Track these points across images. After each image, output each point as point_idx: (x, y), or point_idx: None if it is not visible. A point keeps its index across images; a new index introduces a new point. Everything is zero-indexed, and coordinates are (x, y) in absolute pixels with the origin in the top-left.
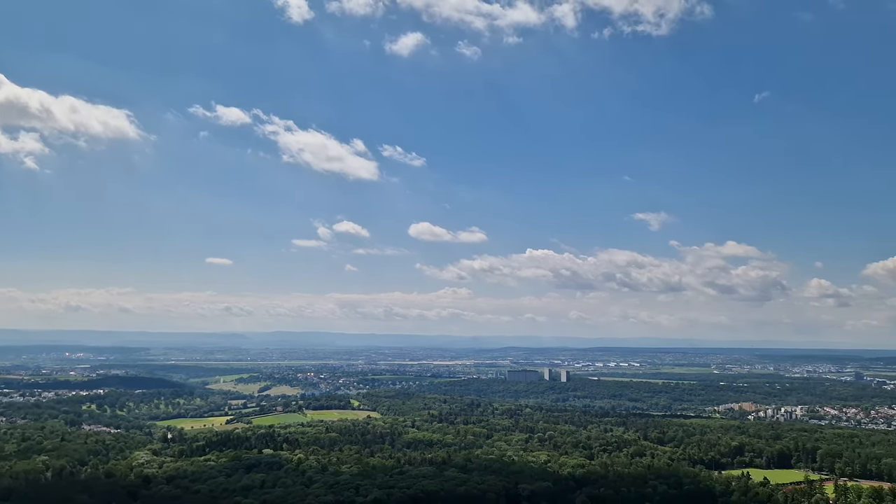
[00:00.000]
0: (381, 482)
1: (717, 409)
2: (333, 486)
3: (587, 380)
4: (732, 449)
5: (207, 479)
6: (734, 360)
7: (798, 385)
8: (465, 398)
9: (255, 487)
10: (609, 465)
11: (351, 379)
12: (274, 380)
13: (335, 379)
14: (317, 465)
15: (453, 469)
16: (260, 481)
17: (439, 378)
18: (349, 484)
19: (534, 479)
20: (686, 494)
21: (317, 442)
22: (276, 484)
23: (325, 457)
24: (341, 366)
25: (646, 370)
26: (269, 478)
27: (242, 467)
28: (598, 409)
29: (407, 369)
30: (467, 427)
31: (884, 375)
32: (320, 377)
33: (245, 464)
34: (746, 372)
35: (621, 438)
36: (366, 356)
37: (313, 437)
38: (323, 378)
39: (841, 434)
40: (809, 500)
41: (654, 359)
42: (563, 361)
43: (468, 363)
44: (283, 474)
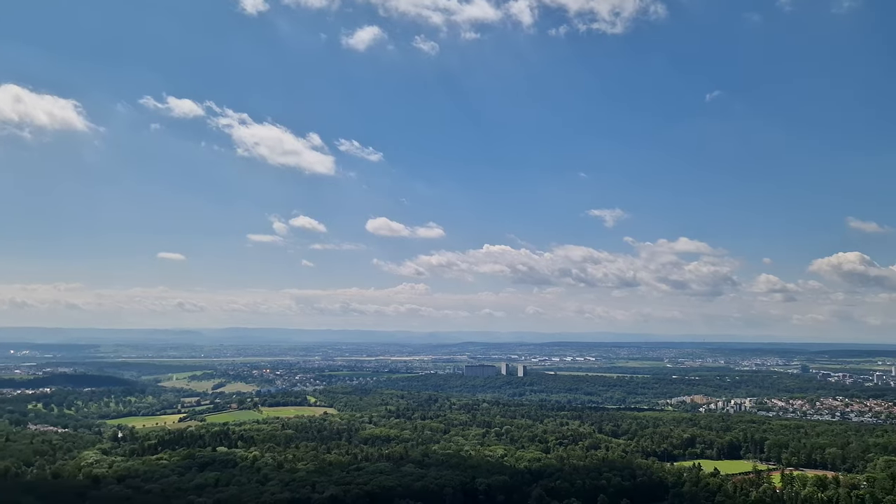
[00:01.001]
0: (337, 479)
1: (669, 402)
2: (289, 483)
3: (544, 374)
4: (684, 441)
5: (159, 478)
6: (686, 353)
7: (747, 378)
8: (422, 393)
9: (209, 486)
10: (565, 459)
11: (307, 375)
12: (228, 377)
13: (291, 375)
14: (272, 463)
15: (410, 464)
16: (214, 480)
17: (397, 374)
18: (305, 481)
19: (490, 473)
20: (639, 486)
21: (272, 439)
22: (230, 482)
23: (280, 454)
24: (298, 362)
25: (601, 364)
26: (224, 476)
27: (196, 466)
28: (555, 402)
29: (364, 365)
30: (425, 422)
31: (828, 368)
32: (276, 374)
33: (198, 462)
34: (698, 365)
35: (577, 432)
36: (323, 352)
37: (269, 435)
38: (279, 375)
39: (787, 425)
40: (757, 490)
41: (610, 353)
42: (520, 356)
43: (426, 358)
44: (238, 472)
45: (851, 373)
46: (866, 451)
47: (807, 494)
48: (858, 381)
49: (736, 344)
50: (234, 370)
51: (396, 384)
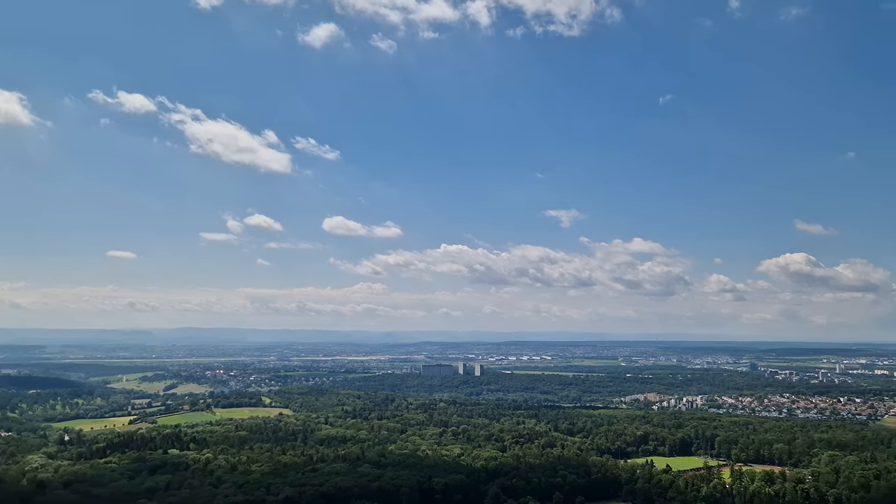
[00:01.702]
0: (292, 480)
1: (624, 400)
2: (243, 485)
3: (501, 373)
4: (638, 438)
5: (108, 482)
6: (640, 352)
7: (699, 376)
8: (379, 393)
9: (160, 489)
10: (521, 457)
11: (262, 376)
12: (181, 378)
13: (246, 376)
14: (226, 465)
15: (367, 465)
16: (165, 483)
17: (354, 374)
18: (260, 483)
19: (447, 472)
20: (594, 483)
21: (226, 441)
22: (182, 485)
23: (234, 456)
24: (252, 362)
25: (557, 363)
26: (175, 479)
27: (146, 469)
28: (511, 401)
29: (321, 365)
30: (381, 422)
31: (776, 366)
32: (230, 374)
33: (149, 465)
34: (652, 364)
35: (533, 430)
36: (278, 352)
37: (222, 436)
38: (233, 375)
39: (737, 422)
40: (708, 486)
41: (565, 352)
42: (477, 355)
43: (383, 358)
44: (190, 475)
45: (798, 370)
46: (811, 447)
47: (755, 489)
48: (804, 378)
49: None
50: (186, 371)
51: (353, 384)
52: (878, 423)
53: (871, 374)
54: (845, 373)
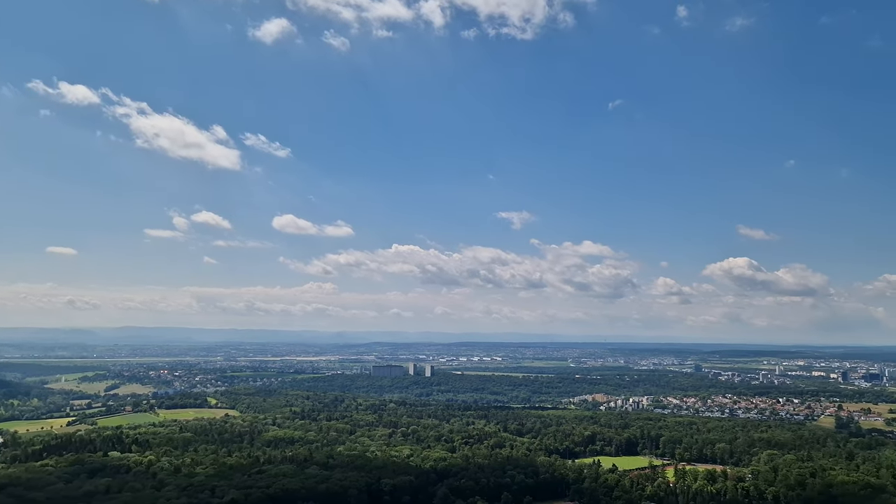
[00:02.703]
0: (238, 482)
1: (572, 401)
2: (187, 488)
3: (451, 374)
4: (585, 438)
5: (45, 485)
6: (589, 353)
7: (645, 377)
8: (328, 394)
9: (100, 493)
10: (470, 457)
11: (208, 376)
12: (123, 378)
13: (191, 376)
14: (169, 467)
15: (315, 466)
16: (105, 486)
17: (303, 374)
18: (204, 485)
19: (396, 473)
20: (542, 483)
21: (170, 443)
22: (122, 489)
23: (178, 458)
24: (198, 362)
25: (507, 364)
26: (116, 482)
27: (85, 472)
28: (461, 402)
29: (269, 366)
30: (330, 423)
31: (719, 367)
32: (175, 375)
33: (88, 468)
34: (600, 365)
35: (482, 431)
36: (225, 352)
37: (166, 438)
38: (178, 376)
39: (681, 422)
40: (652, 484)
41: (516, 353)
42: (428, 356)
43: (333, 359)
44: (132, 478)
45: (740, 372)
46: (752, 446)
47: (697, 488)
48: (746, 379)
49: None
50: (129, 371)
51: (302, 385)
52: (814, 423)
53: (808, 375)
54: (784, 374)
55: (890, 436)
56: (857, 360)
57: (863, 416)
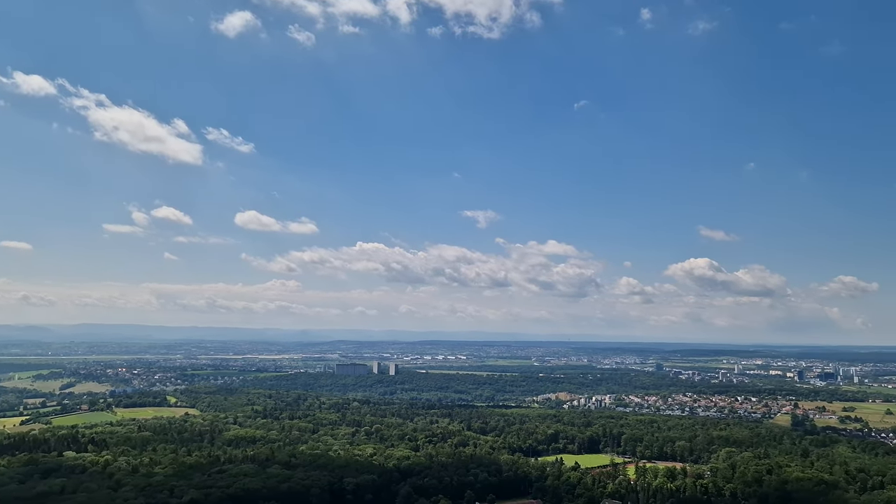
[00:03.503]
0: (198, 482)
1: (536, 400)
2: (145, 488)
3: (415, 373)
4: (548, 436)
5: None
6: (553, 352)
7: (608, 375)
8: (291, 393)
9: (54, 494)
10: (434, 456)
11: (168, 374)
12: (79, 376)
13: (150, 375)
14: (126, 467)
15: (277, 466)
16: (59, 487)
17: (265, 372)
18: (163, 485)
19: (359, 472)
20: (505, 481)
21: (127, 442)
22: (78, 489)
23: (136, 458)
24: (158, 360)
25: (472, 363)
26: (71, 483)
27: (39, 472)
28: (425, 401)
29: (230, 364)
30: (293, 422)
31: (680, 366)
32: (133, 373)
33: (42, 468)
34: (563, 364)
35: (446, 429)
36: (185, 350)
37: (123, 437)
38: (136, 374)
39: (642, 420)
40: (614, 482)
41: (480, 352)
42: (392, 355)
43: (296, 357)
44: (88, 478)
45: (700, 371)
46: (711, 444)
47: (657, 485)
48: (706, 378)
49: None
50: (85, 369)
51: (264, 383)
52: (771, 420)
53: (766, 374)
54: (743, 373)
55: (843, 433)
56: (812, 360)
57: (817, 415)
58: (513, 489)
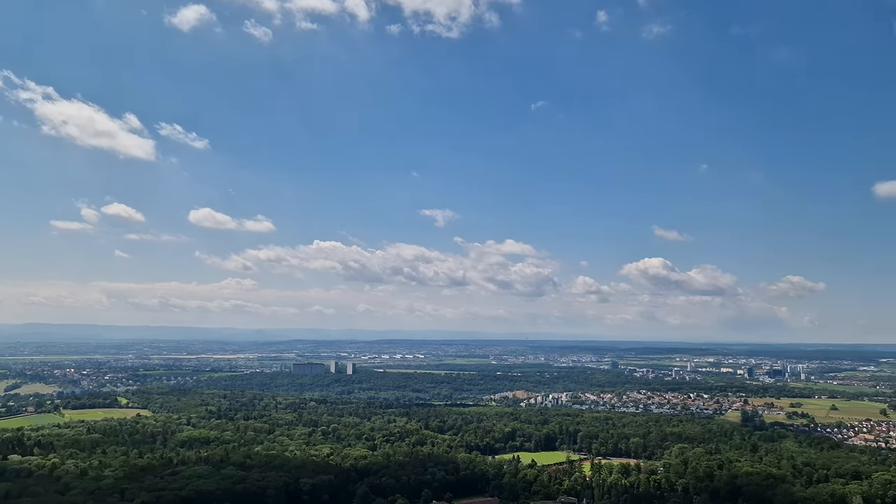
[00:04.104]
0: (150, 484)
1: (493, 398)
2: (94, 492)
3: (373, 372)
4: (506, 434)
5: None
6: (510, 351)
7: (565, 374)
8: (246, 393)
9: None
10: (391, 455)
11: (119, 375)
12: (25, 377)
13: (100, 375)
14: (75, 470)
15: (231, 467)
16: (4, 491)
17: (220, 372)
18: (113, 489)
19: (316, 472)
20: (462, 479)
21: (76, 444)
22: (23, 493)
23: (85, 460)
24: (108, 361)
25: (430, 361)
26: (16, 487)
27: None
28: (383, 400)
29: (184, 364)
30: (248, 423)
31: (635, 364)
32: (82, 373)
33: None
34: (521, 362)
35: (404, 428)
36: (137, 350)
37: (72, 440)
38: (85, 374)
39: (598, 417)
40: (570, 479)
41: (438, 350)
42: (350, 354)
43: (252, 357)
44: (34, 482)
45: (654, 368)
46: (664, 440)
47: (612, 481)
48: (659, 375)
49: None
50: (31, 370)
51: (219, 383)
52: (722, 417)
53: (717, 371)
54: (696, 370)
55: (790, 429)
56: (761, 357)
57: (766, 410)
58: (470, 487)
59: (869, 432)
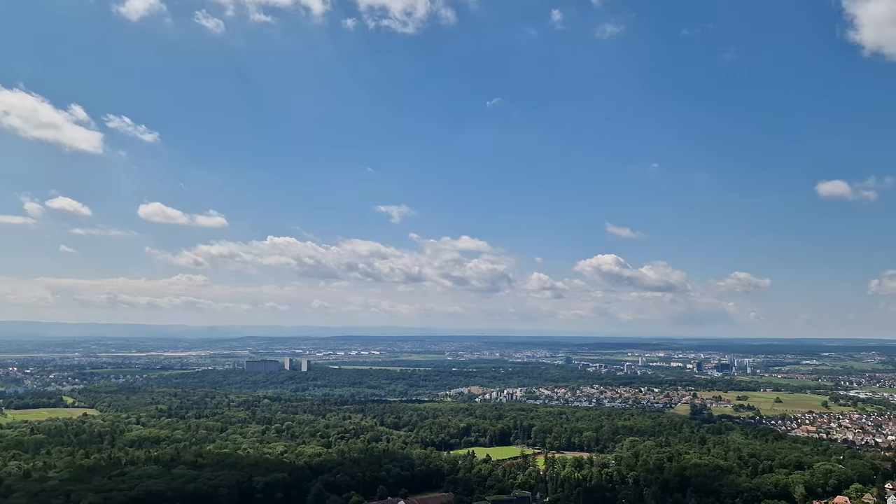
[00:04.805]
0: (97, 486)
1: (449, 394)
2: (38, 494)
3: (328, 369)
4: (461, 430)
5: None
6: (466, 347)
7: (519, 369)
8: (198, 391)
9: None
10: (346, 452)
11: (65, 373)
12: None
13: (44, 374)
14: (18, 472)
15: (182, 466)
16: None
17: (171, 370)
18: (58, 490)
19: (269, 470)
20: (417, 475)
21: (18, 445)
22: None
23: (28, 462)
24: (53, 359)
25: (385, 358)
26: None
27: None
28: (338, 397)
29: (133, 362)
30: (200, 421)
31: (588, 359)
32: (25, 372)
33: None
34: (476, 358)
35: (359, 425)
36: (84, 348)
37: (14, 441)
38: (29, 373)
39: (552, 412)
40: (524, 473)
41: (394, 347)
42: (304, 351)
43: (204, 354)
44: None
45: (606, 363)
46: (616, 433)
47: (565, 475)
48: (612, 370)
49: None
50: None
51: (169, 381)
52: (672, 410)
53: (668, 366)
54: (647, 365)
55: (737, 421)
56: (710, 352)
57: (714, 404)
58: (425, 483)
59: (811, 424)
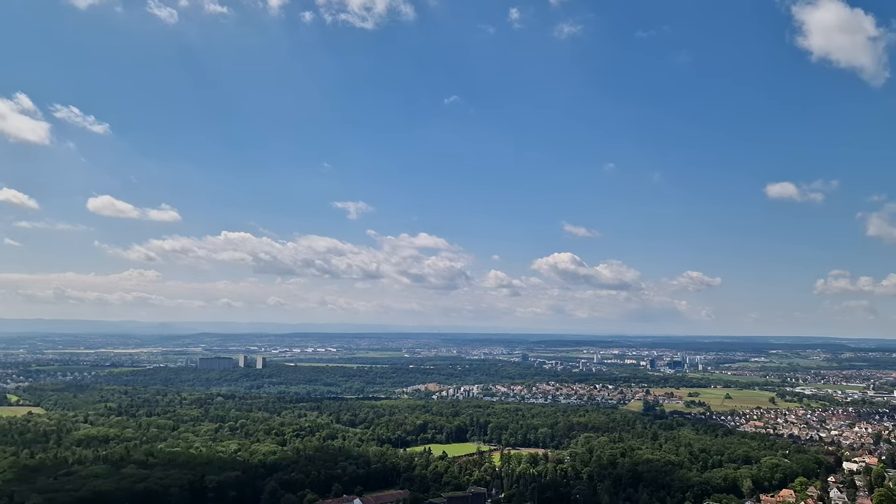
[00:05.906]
0: (42, 486)
1: (406, 391)
2: None
3: (284, 366)
4: (417, 427)
5: None
6: (423, 344)
7: (476, 366)
8: (149, 388)
9: None
10: (301, 450)
11: (8, 371)
12: None
13: None
14: None
15: (132, 465)
16: None
17: (121, 367)
18: (1, 491)
19: (222, 469)
20: (373, 473)
21: None
22: None
23: None
24: None
25: (342, 355)
26: None
27: None
28: (294, 394)
29: (82, 359)
30: (151, 419)
31: (544, 356)
32: None
33: None
34: (433, 355)
35: (315, 423)
36: (29, 344)
37: None
38: None
39: (508, 409)
40: (480, 469)
41: (351, 344)
42: (259, 348)
43: (155, 351)
44: None
45: (562, 360)
46: (571, 430)
47: (521, 471)
48: (567, 367)
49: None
50: None
51: (119, 379)
52: (625, 406)
53: (622, 363)
54: (601, 362)
55: (688, 417)
56: (663, 349)
57: (666, 400)
58: (381, 480)
59: (759, 419)
